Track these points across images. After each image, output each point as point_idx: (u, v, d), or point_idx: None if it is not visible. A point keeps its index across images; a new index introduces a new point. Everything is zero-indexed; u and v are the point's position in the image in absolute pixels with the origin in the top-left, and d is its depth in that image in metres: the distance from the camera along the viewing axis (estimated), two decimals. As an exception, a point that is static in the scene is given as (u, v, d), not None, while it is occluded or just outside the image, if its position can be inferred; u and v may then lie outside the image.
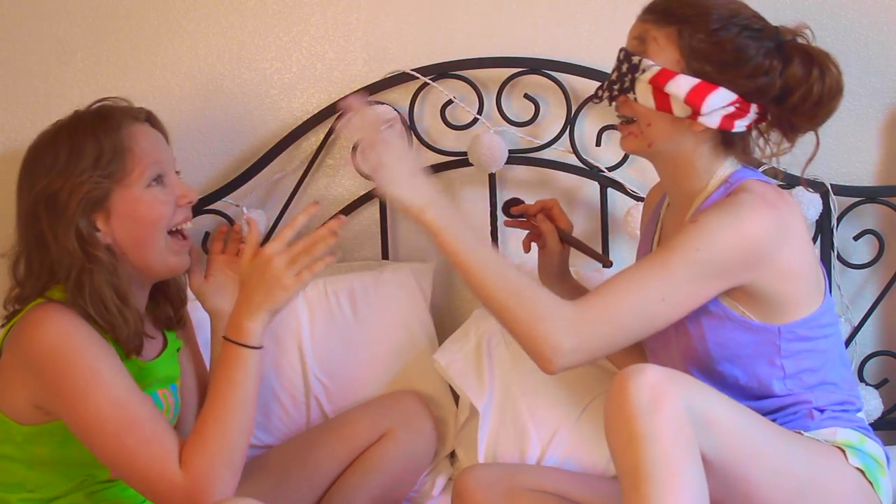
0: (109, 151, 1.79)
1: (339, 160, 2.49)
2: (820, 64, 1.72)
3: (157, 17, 2.48)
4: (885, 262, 2.40)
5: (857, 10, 2.35)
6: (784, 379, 1.76)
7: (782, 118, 1.75)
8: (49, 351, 1.67)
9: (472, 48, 2.41)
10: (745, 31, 1.71)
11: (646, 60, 1.72)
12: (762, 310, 1.72)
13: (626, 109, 1.77)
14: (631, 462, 1.51)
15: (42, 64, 2.51)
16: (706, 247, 1.64)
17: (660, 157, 1.80)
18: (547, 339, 1.62)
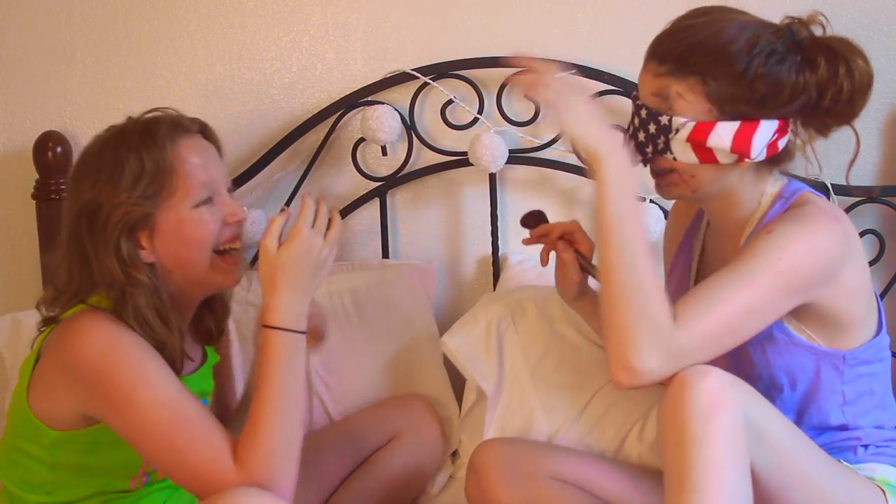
0: (152, 170, 1.71)
1: (340, 160, 2.49)
2: (846, 59, 1.66)
3: (157, 17, 2.48)
4: (885, 262, 2.40)
5: (857, 10, 2.35)
6: (843, 406, 1.74)
7: (818, 121, 1.70)
8: (95, 359, 1.63)
9: (472, 48, 2.41)
10: (771, 57, 1.63)
11: (676, 119, 1.63)
12: (828, 332, 1.69)
13: (665, 164, 1.69)
14: (679, 463, 1.50)
15: (42, 64, 2.51)
16: (787, 257, 1.59)
17: (705, 198, 1.75)
18: (632, 355, 1.54)
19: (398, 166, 2.44)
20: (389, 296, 2.34)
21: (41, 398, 1.71)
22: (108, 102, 2.52)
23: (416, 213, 2.51)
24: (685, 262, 1.91)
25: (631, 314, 1.56)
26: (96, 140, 1.78)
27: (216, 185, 1.77)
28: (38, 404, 1.71)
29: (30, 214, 2.49)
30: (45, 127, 2.48)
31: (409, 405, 2.20)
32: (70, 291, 1.74)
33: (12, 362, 2.25)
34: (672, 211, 2.02)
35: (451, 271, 2.51)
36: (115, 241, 1.69)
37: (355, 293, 2.35)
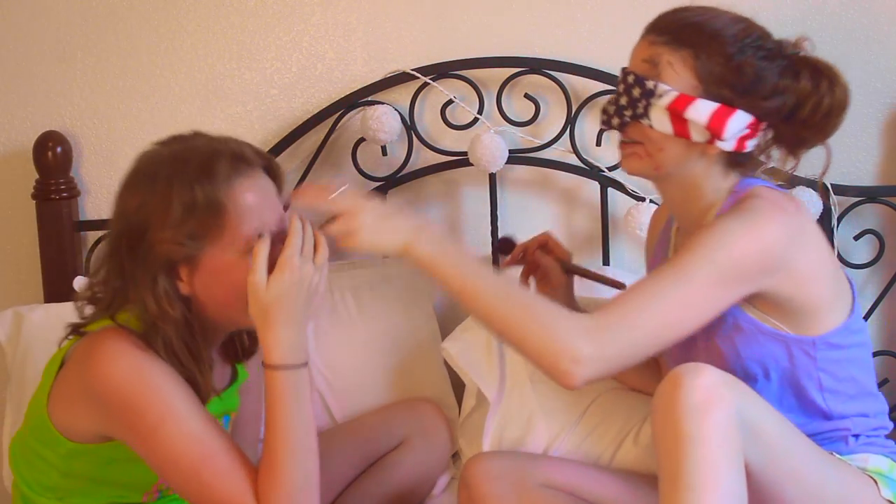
0: (203, 210, 1.61)
1: (340, 160, 2.49)
2: (829, 76, 1.70)
3: (157, 17, 2.48)
4: (885, 262, 2.39)
5: (857, 10, 2.35)
6: (822, 391, 1.74)
7: (791, 133, 1.73)
8: (121, 388, 1.60)
9: (472, 48, 2.41)
10: (759, 51, 1.68)
11: (662, 85, 1.67)
12: (793, 319, 1.70)
13: (636, 134, 1.72)
14: (673, 461, 1.50)
15: (42, 64, 2.51)
16: (722, 248, 1.61)
17: (666, 181, 1.76)
18: (564, 350, 1.56)
19: (398, 166, 2.44)
20: (390, 293, 2.34)
21: (61, 409, 1.68)
22: (108, 102, 2.52)
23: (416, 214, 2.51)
24: (658, 263, 1.92)
25: (538, 326, 1.58)
26: (156, 154, 1.69)
27: (269, 227, 1.67)
28: (56, 414, 1.68)
29: (30, 214, 2.49)
30: (45, 127, 2.48)
31: (419, 409, 2.19)
32: (105, 301, 1.69)
33: (13, 356, 2.26)
34: (650, 222, 2.04)
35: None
36: (152, 275, 1.63)
37: (356, 290, 2.35)
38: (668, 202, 1.83)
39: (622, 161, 1.77)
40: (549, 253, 1.98)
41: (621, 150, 1.76)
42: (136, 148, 2.48)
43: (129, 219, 1.65)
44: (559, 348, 1.56)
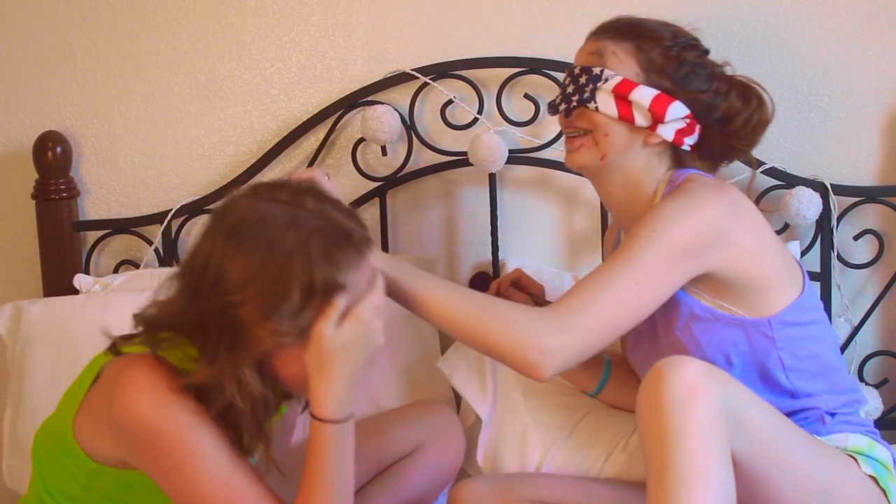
0: (318, 306, 1.53)
1: (340, 160, 2.49)
2: (758, 94, 1.82)
3: (157, 17, 2.48)
4: (885, 262, 2.40)
5: (857, 11, 2.35)
6: (785, 370, 1.77)
7: (722, 143, 1.83)
8: (145, 422, 1.54)
9: (472, 48, 2.41)
10: (694, 49, 1.81)
11: (608, 70, 1.77)
12: (745, 301, 1.74)
13: (582, 121, 1.80)
14: (659, 455, 1.50)
15: (42, 64, 2.51)
16: (664, 227, 1.67)
17: (609, 174, 1.82)
18: (529, 344, 1.61)
19: (398, 166, 2.44)
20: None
21: (86, 429, 1.63)
22: (108, 102, 2.52)
23: (415, 213, 2.51)
24: None
25: (500, 325, 1.64)
26: (268, 215, 1.55)
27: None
28: (81, 432, 1.63)
29: (30, 214, 2.49)
30: (45, 127, 2.48)
31: (434, 413, 2.16)
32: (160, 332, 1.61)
33: (13, 349, 2.26)
34: (604, 240, 2.10)
35: (450, 271, 2.51)
36: (240, 360, 1.54)
37: None
38: (609, 203, 1.88)
39: (568, 156, 1.84)
40: (521, 289, 2.00)
41: (569, 144, 1.83)
42: (136, 148, 2.52)
43: (227, 284, 1.53)
44: (525, 344, 1.61)
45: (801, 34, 2.35)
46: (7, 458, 2.22)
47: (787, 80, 2.35)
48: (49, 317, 2.25)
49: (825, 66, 2.36)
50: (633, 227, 1.72)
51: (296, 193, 1.59)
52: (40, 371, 2.21)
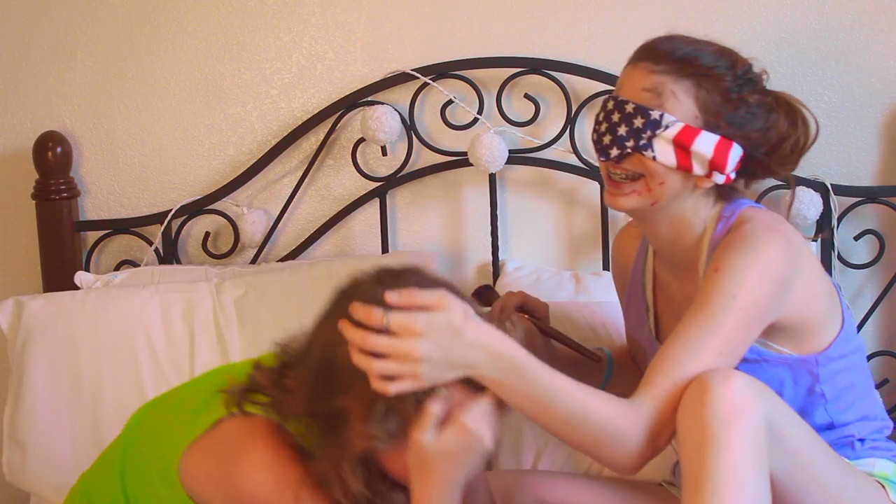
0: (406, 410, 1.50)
1: (340, 160, 2.49)
2: (802, 114, 1.72)
3: (157, 17, 2.48)
4: (885, 262, 2.39)
5: (857, 11, 2.35)
6: (826, 405, 1.74)
7: (764, 167, 1.74)
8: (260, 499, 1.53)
9: (472, 48, 2.41)
10: (750, 84, 1.69)
11: (668, 116, 1.64)
12: (795, 341, 1.70)
13: (635, 166, 1.68)
14: (698, 466, 1.49)
15: (42, 64, 2.51)
16: (740, 291, 1.60)
17: (657, 215, 1.73)
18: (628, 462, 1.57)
19: (398, 166, 2.44)
20: None
21: (193, 475, 1.59)
22: (108, 102, 2.52)
23: (416, 214, 2.51)
24: (638, 295, 1.91)
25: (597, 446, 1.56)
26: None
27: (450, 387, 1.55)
28: (187, 474, 1.59)
29: (30, 214, 2.49)
30: (45, 127, 2.48)
31: None
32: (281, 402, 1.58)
33: (14, 344, 2.26)
34: (616, 247, 2.02)
35: (450, 272, 2.51)
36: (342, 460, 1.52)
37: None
38: (654, 238, 1.80)
39: (615, 199, 1.71)
40: (525, 313, 1.96)
41: (616, 188, 1.71)
42: (136, 148, 2.52)
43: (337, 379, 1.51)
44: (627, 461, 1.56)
45: (800, 34, 2.35)
46: (7, 452, 2.22)
47: (787, 81, 2.35)
48: (50, 312, 2.26)
49: (825, 66, 2.35)
50: (703, 289, 1.64)
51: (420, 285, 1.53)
52: (41, 366, 2.22)
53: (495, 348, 1.50)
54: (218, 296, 2.29)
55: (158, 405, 1.76)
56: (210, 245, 2.52)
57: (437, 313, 1.46)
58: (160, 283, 2.33)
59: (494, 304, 1.98)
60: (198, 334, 2.25)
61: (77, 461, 2.14)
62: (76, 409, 2.19)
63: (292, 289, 2.30)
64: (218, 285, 2.32)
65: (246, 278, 2.34)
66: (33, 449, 2.19)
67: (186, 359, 2.24)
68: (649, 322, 1.88)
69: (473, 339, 1.48)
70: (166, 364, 2.23)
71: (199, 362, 2.23)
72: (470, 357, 1.48)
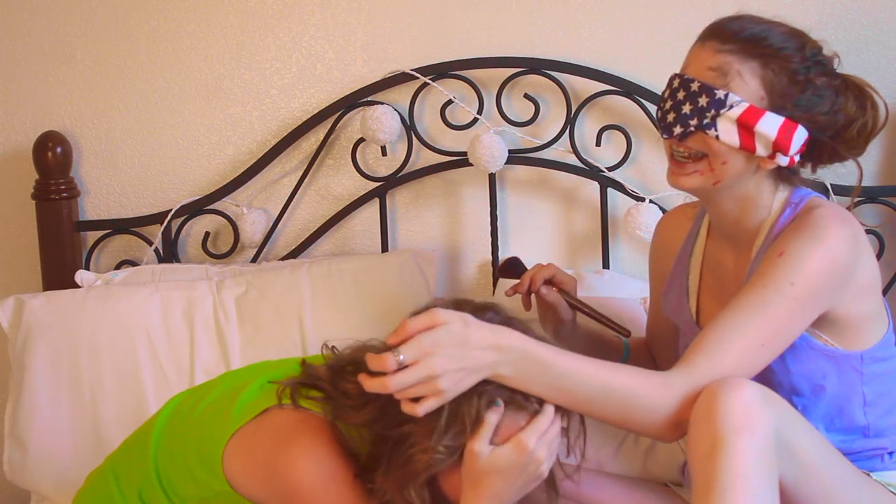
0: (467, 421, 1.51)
1: (340, 160, 2.49)
2: (871, 97, 1.70)
3: (157, 17, 2.48)
4: (885, 262, 2.39)
5: (857, 11, 2.35)
6: (865, 406, 1.74)
7: (830, 151, 1.73)
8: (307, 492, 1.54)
9: (472, 48, 2.41)
10: (819, 66, 1.68)
11: (733, 96, 1.64)
12: (843, 335, 1.69)
13: (699, 145, 1.67)
14: (707, 471, 1.48)
15: (42, 64, 2.51)
16: (800, 279, 1.59)
17: (720, 195, 1.73)
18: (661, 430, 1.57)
19: (398, 166, 2.44)
20: (390, 280, 2.33)
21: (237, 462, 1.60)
22: (108, 102, 2.52)
23: (415, 213, 2.51)
24: (681, 276, 1.90)
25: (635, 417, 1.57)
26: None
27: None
28: (231, 461, 1.60)
29: (30, 214, 2.49)
30: (45, 127, 2.48)
31: None
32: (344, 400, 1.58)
33: (14, 341, 2.26)
34: (660, 230, 2.00)
35: (450, 272, 2.51)
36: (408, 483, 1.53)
37: (356, 274, 2.33)
38: (717, 217, 1.79)
39: (678, 178, 1.71)
40: (554, 286, 1.94)
41: (679, 167, 1.71)
42: (136, 148, 2.52)
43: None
44: (660, 429, 1.57)
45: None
46: (7, 450, 2.22)
47: (787, 80, 2.35)
48: (50, 310, 2.26)
49: (825, 66, 2.36)
50: (762, 270, 1.63)
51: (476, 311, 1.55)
52: (42, 364, 2.22)
53: (502, 343, 1.50)
54: (218, 294, 2.30)
55: (198, 392, 1.76)
56: (210, 245, 2.52)
57: (436, 330, 1.47)
58: (160, 282, 2.34)
59: (524, 277, 1.97)
60: (198, 332, 2.25)
61: (77, 459, 2.14)
62: (77, 407, 2.19)
63: (293, 287, 2.30)
64: (218, 283, 2.32)
65: (246, 276, 2.35)
66: (34, 447, 2.19)
67: (187, 357, 2.24)
68: (689, 306, 1.87)
69: (479, 340, 1.49)
70: (166, 362, 2.23)
71: (200, 360, 2.24)
72: (482, 359, 1.49)
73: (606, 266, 2.42)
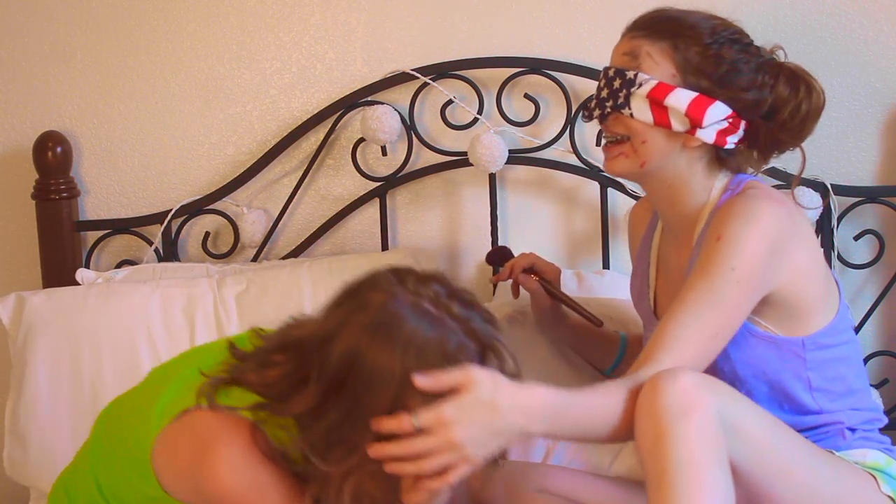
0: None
1: (340, 160, 2.49)
2: (806, 81, 1.74)
3: (157, 17, 2.48)
4: (885, 262, 2.39)
5: (856, 11, 2.35)
6: (811, 391, 1.74)
7: (768, 135, 1.75)
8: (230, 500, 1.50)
9: (472, 48, 2.41)
10: (735, 44, 1.72)
11: (642, 74, 1.70)
12: (785, 322, 1.71)
13: (618, 127, 1.74)
14: (657, 463, 1.49)
15: (42, 64, 2.51)
16: (740, 261, 1.62)
17: (653, 179, 1.76)
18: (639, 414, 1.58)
19: (398, 166, 2.44)
20: None
21: (165, 467, 1.55)
22: (108, 102, 2.52)
23: (415, 214, 2.51)
24: (643, 267, 1.93)
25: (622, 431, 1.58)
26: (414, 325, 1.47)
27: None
28: (159, 465, 1.56)
29: (30, 214, 2.49)
30: (45, 127, 2.48)
31: None
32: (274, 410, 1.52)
33: (15, 338, 2.26)
34: (631, 218, 2.04)
35: (450, 272, 2.51)
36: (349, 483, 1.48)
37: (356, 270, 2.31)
38: (655, 201, 1.83)
39: (607, 163, 1.78)
40: (534, 275, 1.99)
41: (607, 151, 1.77)
42: (136, 148, 2.52)
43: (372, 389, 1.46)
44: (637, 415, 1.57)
45: (800, 34, 2.35)
46: (8, 446, 2.22)
47: (787, 80, 2.35)
48: (51, 307, 2.26)
49: (825, 65, 2.35)
50: (703, 258, 1.65)
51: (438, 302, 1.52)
52: (42, 361, 2.22)
53: (533, 406, 1.50)
54: (219, 291, 2.30)
55: (127, 395, 1.72)
56: (210, 245, 2.52)
57: (463, 396, 1.45)
58: (161, 279, 2.34)
59: (505, 265, 2.02)
60: (199, 329, 2.25)
61: (78, 457, 2.14)
62: (77, 404, 2.19)
63: (293, 284, 2.31)
64: (219, 281, 2.32)
65: (247, 274, 2.35)
66: (34, 444, 2.19)
67: (187, 355, 2.24)
68: (649, 297, 1.89)
69: (510, 406, 1.47)
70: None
71: (200, 358, 2.23)
72: (512, 423, 1.48)
73: (606, 266, 2.42)
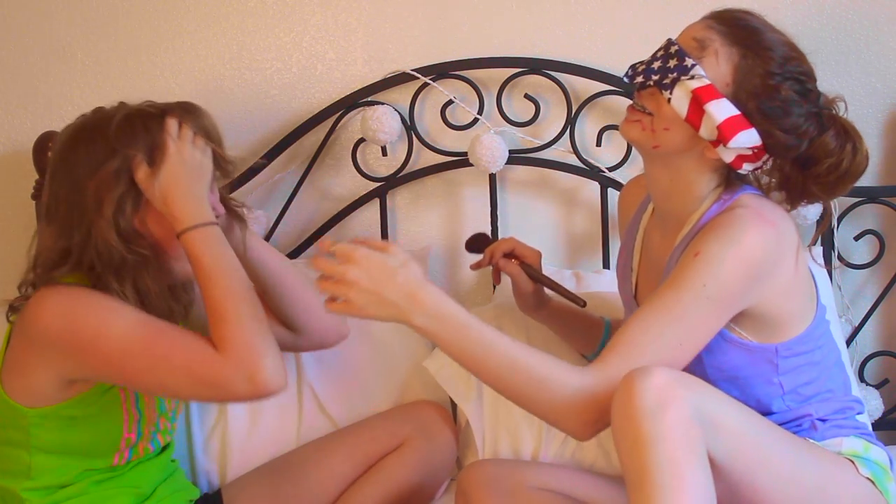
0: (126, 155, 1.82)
1: (340, 160, 2.49)
2: (854, 140, 1.70)
3: (157, 17, 2.48)
4: (885, 262, 2.40)
5: (857, 11, 2.35)
6: (783, 396, 1.75)
7: (801, 183, 1.72)
8: (57, 316, 1.70)
9: (472, 48, 2.41)
10: (797, 84, 1.67)
11: (698, 68, 1.66)
12: (760, 330, 1.71)
13: (650, 102, 1.71)
14: (636, 463, 1.50)
15: (42, 64, 2.51)
16: (714, 282, 1.61)
17: (658, 163, 1.75)
18: (569, 421, 1.60)
19: (398, 166, 2.44)
20: None
21: (15, 378, 1.75)
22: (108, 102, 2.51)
23: (415, 214, 2.51)
24: (628, 252, 1.93)
25: (542, 400, 1.60)
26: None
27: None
28: (11, 385, 1.75)
29: (30, 214, 2.49)
30: (45, 127, 2.48)
31: (422, 411, 2.16)
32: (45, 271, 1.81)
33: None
34: (623, 192, 2.05)
35: (451, 272, 2.51)
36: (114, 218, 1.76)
37: None
38: (652, 184, 1.80)
39: (624, 125, 1.75)
40: (514, 258, 1.99)
41: (629, 113, 1.74)
42: (136, 148, 2.50)
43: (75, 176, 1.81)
44: (566, 422, 1.60)
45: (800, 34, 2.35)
46: None
47: (788, 81, 2.35)
48: None
49: (825, 66, 2.35)
50: (678, 270, 1.65)
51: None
52: None
53: (419, 295, 1.58)
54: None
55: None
56: (210, 245, 2.52)
57: (379, 252, 1.59)
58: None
59: (485, 251, 2.03)
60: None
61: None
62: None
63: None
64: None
65: (247, 273, 2.34)
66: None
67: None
68: (632, 280, 1.89)
69: (403, 284, 1.58)
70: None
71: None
72: (397, 300, 1.58)
73: (606, 266, 2.42)
